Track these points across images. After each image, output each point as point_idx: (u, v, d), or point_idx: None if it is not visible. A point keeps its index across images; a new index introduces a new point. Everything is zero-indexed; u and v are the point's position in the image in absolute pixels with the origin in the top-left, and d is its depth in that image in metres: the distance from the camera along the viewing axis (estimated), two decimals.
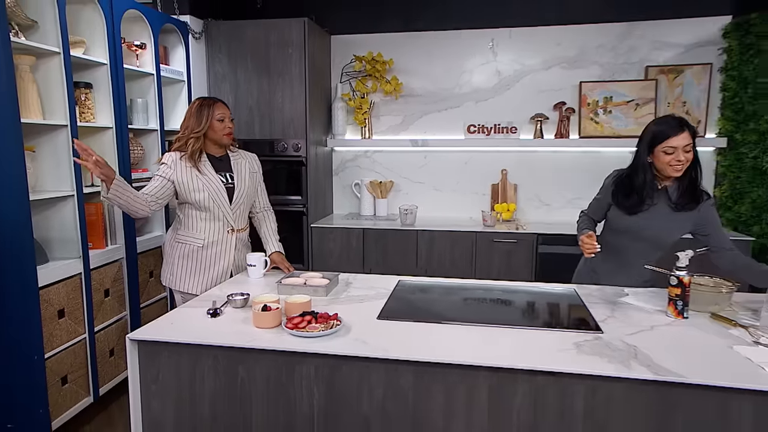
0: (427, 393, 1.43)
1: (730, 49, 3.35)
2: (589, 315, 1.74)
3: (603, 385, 1.34)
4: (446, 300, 1.99)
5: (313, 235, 3.57)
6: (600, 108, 3.58)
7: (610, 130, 3.57)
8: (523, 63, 3.70)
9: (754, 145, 3.20)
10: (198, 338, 1.53)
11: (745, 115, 3.27)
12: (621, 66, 3.57)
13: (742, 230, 3.28)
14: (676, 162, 1.81)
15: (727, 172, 3.42)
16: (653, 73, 3.51)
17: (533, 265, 3.33)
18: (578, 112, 3.61)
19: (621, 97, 3.54)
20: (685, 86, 3.49)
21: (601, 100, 3.57)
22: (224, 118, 2.20)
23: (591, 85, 3.58)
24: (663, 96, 3.52)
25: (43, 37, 2.27)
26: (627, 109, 3.54)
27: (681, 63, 3.49)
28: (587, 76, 3.61)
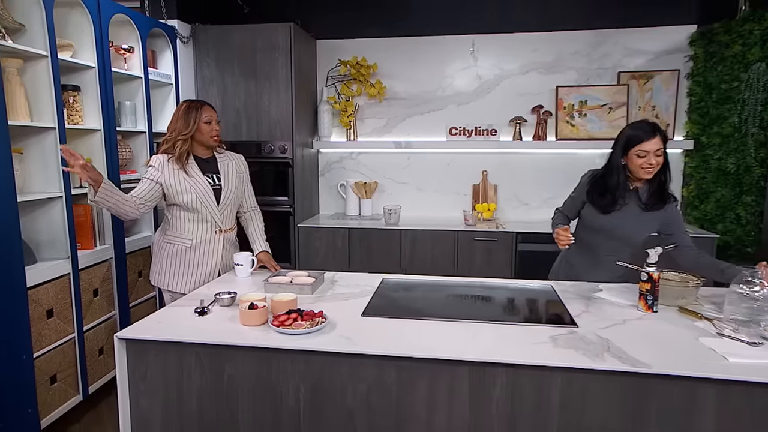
0: (411, 387, 1.43)
1: (696, 56, 3.42)
2: (565, 310, 1.76)
3: (578, 377, 1.35)
4: (429, 297, 1.99)
5: (299, 235, 3.55)
6: (575, 111, 3.62)
7: (585, 132, 3.61)
8: (503, 68, 3.72)
9: (719, 147, 3.27)
10: (185, 336, 1.51)
11: (710, 119, 3.34)
12: (595, 71, 3.62)
13: (708, 228, 3.35)
14: (647, 165, 1.86)
15: (693, 172, 3.49)
16: (625, 79, 3.57)
17: (513, 262, 3.36)
18: (555, 115, 3.65)
19: (595, 101, 3.59)
20: (654, 91, 3.55)
21: (576, 103, 3.61)
22: (211, 120, 2.17)
23: (567, 89, 3.62)
24: (634, 100, 3.58)
25: (30, 40, 2.22)
26: (601, 112, 3.59)
27: (651, 69, 3.55)
28: (563, 80, 3.65)
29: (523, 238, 3.35)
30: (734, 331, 1.52)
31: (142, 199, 2.08)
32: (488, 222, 3.63)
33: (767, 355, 1.38)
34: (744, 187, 3.14)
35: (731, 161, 3.17)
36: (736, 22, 3.12)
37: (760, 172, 3.05)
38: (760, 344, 1.44)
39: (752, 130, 3.06)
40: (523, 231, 3.35)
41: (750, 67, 3.03)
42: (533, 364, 1.36)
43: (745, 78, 3.06)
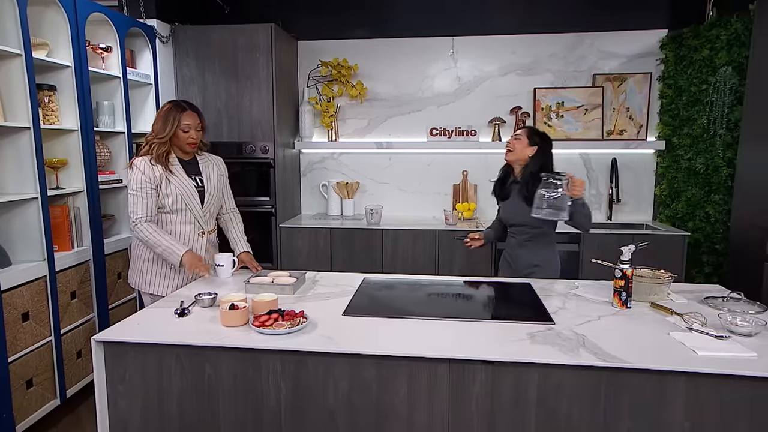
0: (391, 385, 1.43)
1: (667, 60, 3.50)
2: (542, 307, 1.78)
3: (554, 373, 1.37)
4: (410, 296, 1.99)
5: (281, 235, 3.52)
6: (553, 112, 3.67)
7: (562, 133, 3.66)
8: (482, 69, 3.75)
9: (689, 147, 3.35)
10: (165, 338, 1.49)
11: (680, 121, 3.42)
12: (571, 74, 3.67)
13: (679, 226, 3.42)
14: (507, 144, 2.30)
15: (665, 172, 3.57)
16: (600, 81, 3.63)
17: (492, 261, 3.39)
18: (533, 116, 3.69)
19: (572, 103, 3.64)
20: (628, 93, 3.62)
21: (553, 105, 3.66)
22: (190, 128, 2.10)
23: (544, 91, 3.67)
24: (609, 102, 3.64)
25: (2, 38, 2.15)
26: (577, 113, 3.64)
27: (624, 72, 3.62)
28: (541, 82, 3.70)
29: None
30: (703, 326, 1.56)
31: (153, 217, 2.08)
32: (468, 221, 3.65)
33: (734, 348, 1.41)
34: (713, 186, 3.23)
35: (700, 161, 3.25)
36: (704, 27, 3.20)
37: (727, 171, 3.13)
38: (726, 338, 1.48)
39: (720, 132, 3.14)
40: None
41: (717, 71, 3.11)
42: (511, 361, 1.37)
43: (713, 81, 3.14)
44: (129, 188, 2.07)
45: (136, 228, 2.05)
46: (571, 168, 3.75)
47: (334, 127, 3.85)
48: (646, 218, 3.75)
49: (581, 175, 3.75)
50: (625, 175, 3.73)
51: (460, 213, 3.68)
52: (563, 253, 3.30)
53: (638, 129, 3.63)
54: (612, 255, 1.98)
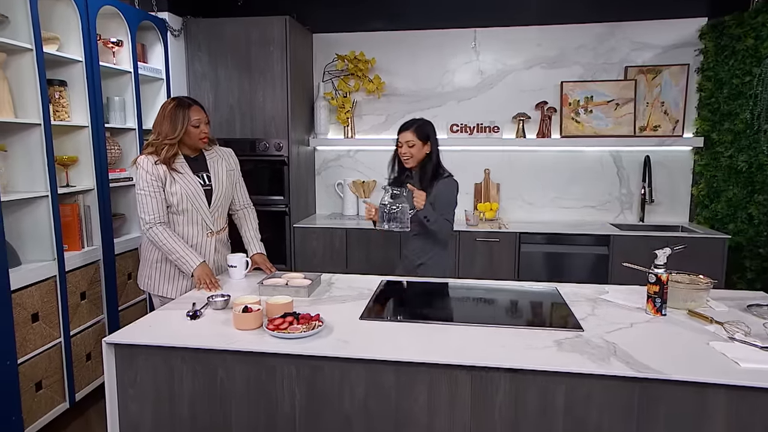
0: (410, 392, 1.43)
1: (706, 50, 3.43)
2: (570, 313, 1.76)
3: (583, 382, 1.35)
4: (428, 299, 1.99)
5: (295, 236, 3.55)
6: (581, 107, 3.63)
7: (591, 129, 3.62)
8: (505, 62, 3.73)
9: (730, 144, 3.28)
10: (177, 341, 1.51)
11: (720, 115, 3.35)
12: (601, 66, 3.63)
13: (719, 228, 3.36)
14: (402, 153, 2.34)
15: (703, 171, 3.50)
16: (632, 74, 3.58)
17: (515, 263, 3.37)
18: (560, 112, 3.66)
19: (601, 97, 3.60)
20: (663, 86, 3.56)
21: (582, 99, 3.62)
22: (200, 123, 2.11)
23: (572, 84, 3.63)
24: (642, 96, 3.59)
25: (13, 33, 2.21)
26: (607, 108, 3.60)
27: (659, 63, 3.56)
28: (568, 75, 3.66)
29: (526, 238, 3.35)
30: (746, 335, 1.52)
31: (164, 216, 2.11)
32: (490, 222, 3.63)
33: None
34: (756, 185, 3.15)
35: (743, 159, 3.18)
36: (748, 15, 3.13)
37: None
38: None
39: (765, 127, 3.06)
40: (526, 231, 3.36)
41: (763, 61, 3.04)
42: (537, 369, 1.36)
43: (757, 72, 3.07)
44: (136, 188, 2.10)
45: (150, 232, 2.09)
46: (601, 166, 3.71)
47: (350, 124, 3.87)
48: (681, 220, 3.69)
49: (611, 174, 3.71)
50: (659, 174, 3.66)
51: (482, 213, 3.67)
52: (592, 255, 3.28)
53: (674, 124, 3.57)
54: (644, 259, 1.96)
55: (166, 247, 2.08)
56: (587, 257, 3.31)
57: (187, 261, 2.06)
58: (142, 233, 2.18)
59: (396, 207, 2.14)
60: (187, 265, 2.06)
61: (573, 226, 3.50)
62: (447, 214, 2.34)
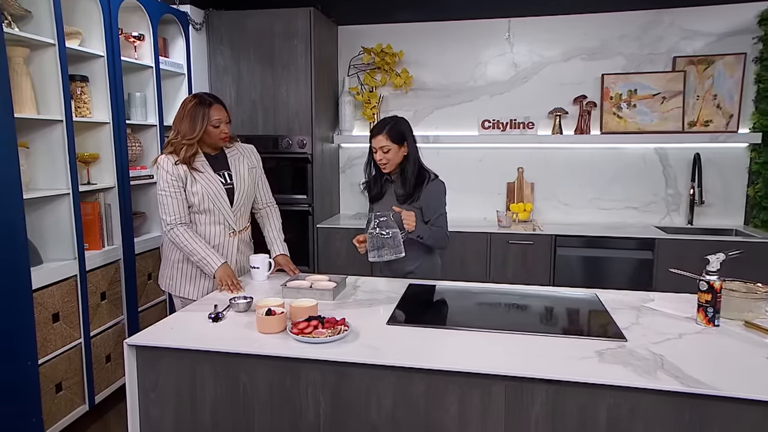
0: (440, 401, 1.43)
1: (766, 37, 3.31)
2: (611, 321, 1.73)
3: (628, 396, 1.33)
4: (459, 304, 1.99)
5: (318, 236, 3.58)
6: (623, 102, 3.56)
7: (634, 125, 3.54)
8: (542, 54, 3.68)
9: None
10: (199, 344, 1.54)
11: None
12: (647, 57, 3.55)
13: None
14: (378, 159, 2.23)
15: (761, 169, 3.38)
16: (682, 64, 3.49)
17: (551, 268, 3.32)
18: (600, 107, 3.60)
19: (646, 90, 3.52)
20: (716, 78, 3.46)
21: (624, 93, 3.55)
22: (220, 123, 2.14)
23: (614, 77, 3.56)
24: (692, 88, 3.49)
25: (37, 28, 2.29)
26: (653, 102, 3.52)
27: (712, 53, 3.46)
28: (610, 67, 3.60)
29: (562, 241, 3.31)
30: None
31: (186, 217, 2.16)
32: (524, 223, 3.60)
33: None
34: None
35: None
36: None
37: None
38: None
39: None
40: (562, 234, 3.32)
41: None
42: (577, 381, 1.34)
43: None
44: (157, 189, 2.15)
45: (171, 233, 2.14)
46: (645, 165, 3.63)
47: (376, 120, 3.88)
48: (735, 223, 3.57)
49: (656, 173, 3.63)
50: (711, 173, 3.56)
51: (515, 214, 3.63)
52: (635, 260, 3.21)
53: (727, 119, 3.47)
54: (693, 264, 1.91)
55: (188, 249, 2.12)
56: (629, 262, 3.24)
57: (209, 262, 2.10)
58: (163, 234, 2.23)
59: (386, 233, 2.05)
60: (209, 266, 2.09)
61: (613, 228, 3.44)
62: (440, 221, 2.28)
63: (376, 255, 2.08)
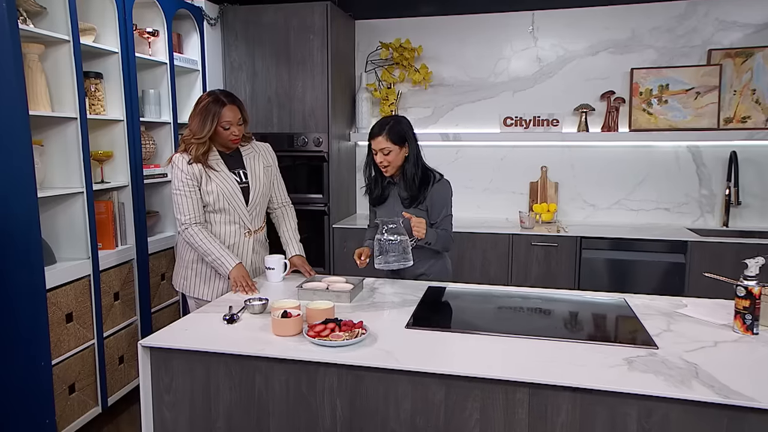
0: (461, 408, 1.42)
1: None
2: (641, 328, 1.70)
3: (659, 407, 1.31)
4: (480, 308, 1.98)
5: (334, 237, 3.59)
6: (654, 97, 3.50)
7: (665, 122, 3.49)
8: (567, 48, 3.65)
9: None
10: (213, 346, 1.56)
11: None
12: (680, 50, 3.49)
13: None
14: (378, 162, 2.20)
15: None
16: (717, 58, 3.42)
17: (576, 271, 3.29)
18: (629, 103, 3.55)
19: (679, 85, 3.46)
20: (755, 71, 3.38)
21: (655, 88, 3.50)
22: (231, 125, 2.14)
23: (644, 72, 3.51)
24: (728, 83, 3.43)
25: (51, 24, 2.34)
26: (686, 98, 3.46)
27: (750, 45, 3.38)
28: (640, 61, 3.54)
29: (588, 243, 3.27)
30: None
31: (201, 216, 2.18)
32: (548, 225, 3.57)
33: None
34: None
35: None
36: None
37: None
38: None
39: None
40: (588, 236, 3.28)
41: None
42: (605, 390, 1.32)
43: None
44: (172, 188, 2.18)
45: (186, 232, 2.16)
46: (676, 164, 3.58)
47: None
48: None
49: (689, 172, 3.56)
50: (748, 172, 3.48)
51: (538, 215, 3.60)
52: (666, 264, 3.16)
53: (767, 115, 3.39)
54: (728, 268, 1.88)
55: (202, 249, 2.14)
56: (659, 266, 3.19)
57: (224, 262, 2.11)
58: (178, 233, 2.25)
59: (394, 239, 2.03)
60: (224, 266, 2.11)
61: (643, 230, 3.39)
62: (445, 222, 2.25)
63: (382, 262, 2.07)
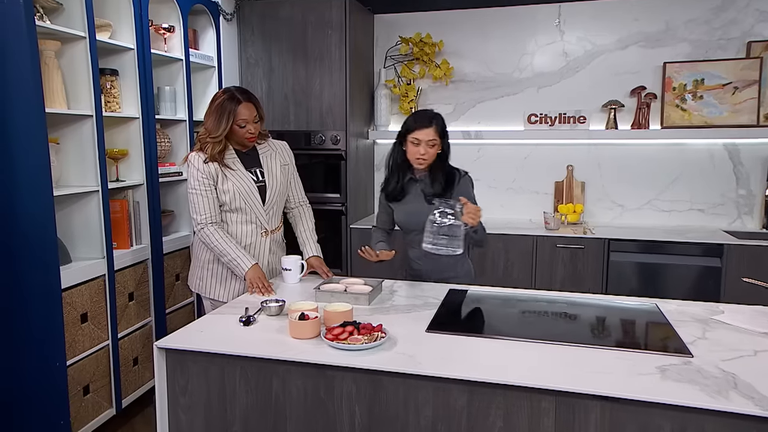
0: (484, 416, 1.41)
1: None
2: (674, 334, 1.67)
3: (694, 418, 1.28)
4: (502, 312, 1.97)
5: (352, 237, 3.60)
6: (688, 93, 3.45)
7: (699, 118, 3.43)
8: (595, 42, 3.61)
9: None
10: (230, 348, 1.57)
11: None
12: (716, 42, 3.43)
13: None
14: (419, 155, 2.15)
15: None
16: (758, 50, 3.35)
17: (603, 274, 3.25)
18: (661, 99, 3.50)
19: (715, 80, 3.40)
20: None
21: (689, 83, 3.44)
22: (247, 123, 2.16)
23: (677, 66, 3.46)
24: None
25: (68, 20, 2.38)
26: (723, 93, 3.40)
27: None
28: (673, 55, 3.49)
29: (616, 245, 3.23)
30: None
31: (217, 216, 2.20)
32: (573, 226, 3.53)
33: None
34: None
35: None
36: None
37: None
38: None
39: None
40: (616, 238, 3.24)
41: None
42: (637, 399, 1.30)
43: None
44: (188, 187, 2.21)
45: (202, 232, 2.18)
46: (712, 162, 3.51)
47: None
48: None
49: (726, 171, 3.50)
50: None
51: (564, 216, 3.57)
52: (700, 268, 3.11)
53: None
54: None
55: (218, 249, 2.16)
56: (692, 270, 3.13)
57: (240, 263, 2.13)
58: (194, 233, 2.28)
59: (447, 224, 1.97)
60: (240, 267, 2.13)
61: (675, 232, 3.33)
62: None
63: (431, 245, 2.00)
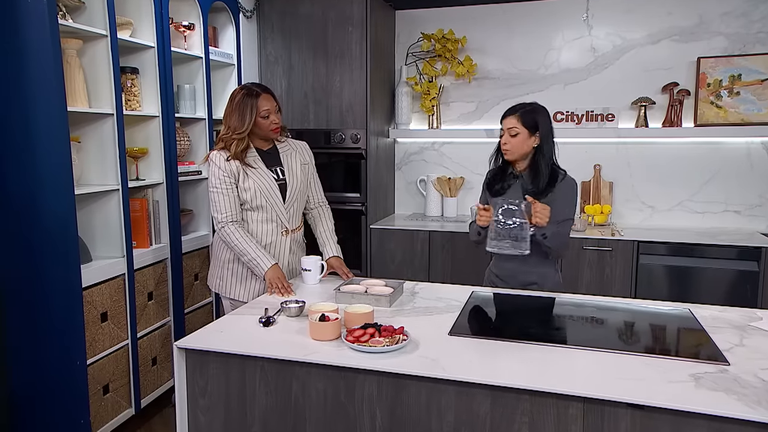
0: (509, 422, 1.40)
1: None
2: (709, 341, 1.64)
3: (731, 429, 1.26)
4: (527, 315, 1.95)
5: (372, 238, 3.60)
6: (724, 89, 3.38)
7: (736, 115, 3.36)
8: (624, 37, 3.56)
9: None
10: (249, 349, 1.58)
11: None
12: (755, 36, 3.36)
13: None
14: (503, 144, 2.19)
15: None
16: None
17: (632, 278, 3.20)
18: (694, 95, 3.44)
19: (753, 75, 3.33)
20: None
21: (725, 79, 3.38)
22: (269, 113, 2.21)
23: (712, 61, 3.39)
24: None
25: (89, 18, 2.43)
26: (761, 89, 3.33)
27: None
28: (707, 50, 3.43)
29: (646, 248, 3.19)
30: None
31: (238, 214, 2.23)
32: (601, 228, 3.49)
33: None
34: None
35: None
36: None
37: None
38: None
39: None
40: (646, 240, 3.19)
41: None
42: (669, 408, 1.28)
43: None
44: (209, 186, 2.25)
45: (223, 231, 2.21)
46: (749, 162, 3.44)
47: (435, 112, 3.87)
48: None
49: (764, 171, 3.42)
50: None
51: (591, 217, 3.53)
52: (736, 272, 3.04)
53: None
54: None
55: (238, 248, 2.18)
56: (727, 274, 3.07)
57: (259, 263, 2.15)
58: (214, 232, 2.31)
59: (512, 223, 1.95)
60: (259, 267, 2.15)
61: (708, 235, 3.27)
62: (565, 226, 2.18)
63: (495, 245, 1.99)
